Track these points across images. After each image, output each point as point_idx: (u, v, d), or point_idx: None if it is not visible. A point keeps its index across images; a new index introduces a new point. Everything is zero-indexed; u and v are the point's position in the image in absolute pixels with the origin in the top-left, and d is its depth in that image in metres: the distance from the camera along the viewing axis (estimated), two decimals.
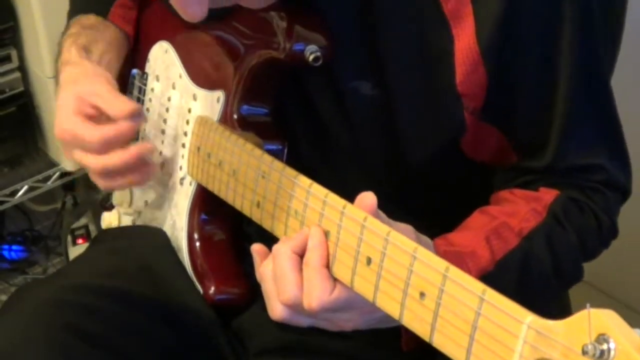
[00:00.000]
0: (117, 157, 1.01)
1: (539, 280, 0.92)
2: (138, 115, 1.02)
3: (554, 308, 1.04)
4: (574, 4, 0.88)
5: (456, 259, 0.87)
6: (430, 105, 0.93)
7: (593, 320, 0.53)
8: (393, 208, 0.90)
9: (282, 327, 0.99)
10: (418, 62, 0.91)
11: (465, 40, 0.88)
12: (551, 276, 0.93)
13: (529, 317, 0.59)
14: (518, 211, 0.93)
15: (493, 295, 0.62)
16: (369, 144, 0.98)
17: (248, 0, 0.94)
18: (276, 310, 0.84)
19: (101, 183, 1.07)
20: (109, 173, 1.04)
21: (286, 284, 0.81)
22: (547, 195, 0.94)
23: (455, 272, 0.66)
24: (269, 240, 0.89)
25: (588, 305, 0.53)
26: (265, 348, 1.02)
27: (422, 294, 0.69)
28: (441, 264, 0.67)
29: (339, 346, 0.99)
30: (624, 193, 0.99)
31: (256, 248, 0.87)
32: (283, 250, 0.82)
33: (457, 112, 0.92)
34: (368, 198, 0.80)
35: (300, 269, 0.82)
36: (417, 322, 0.70)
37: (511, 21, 0.87)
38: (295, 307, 0.82)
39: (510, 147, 0.96)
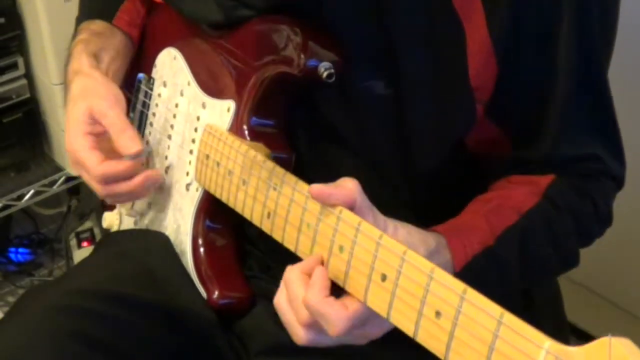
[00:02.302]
0: (121, 188, 1.05)
1: (539, 254, 0.93)
2: (141, 154, 1.04)
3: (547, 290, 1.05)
4: (572, 3, 0.88)
5: (455, 235, 0.87)
6: (444, 101, 0.93)
7: (613, 349, 0.53)
8: (404, 210, 0.90)
9: (282, 328, 1.00)
10: (431, 58, 0.91)
11: (477, 33, 0.88)
12: (550, 251, 0.93)
13: (547, 342, 0.59)
14: (514, 194, 0.94)
15: (511, 319, 0.62)
16: (381, 145, 0.98)
17: None
18: (299, 335, 0.83)
19: (107, 201, 1.12)
20: (115, 198, 1.09)
21: (301, 306, 0.81)
22: (544, 179, 0.95)
23: (472, 294, 0.66)
24: (272, 242, 0.90)
25: (610, 334, 0.53)
26: (266, 349, 1.02)
27: (437, 313, 0.69)
28: (458, 285, 0.67)
29: (339, 347, 0.98)
30: (619, 183, 0.99)
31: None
32: (293, 274, 0.82)
33: (471, 105, 0.92)
34: (351, 182, 0.80)
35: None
36: (432, 340, 0.70)
37: (516, 13, 0.88)
38: (316, 326, 0.81)
39: (507, 138, 0.96)
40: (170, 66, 1.12)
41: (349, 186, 0.81)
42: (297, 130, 1.01)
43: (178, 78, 1.11)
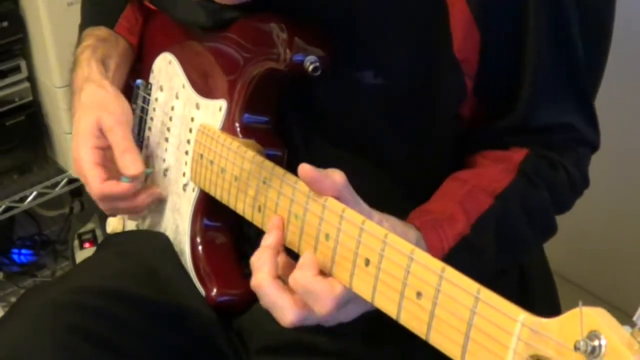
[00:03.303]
0: (121, 205, 1.09)
1: (516, 234, 0.93)
2: (139, 178, 1.06)
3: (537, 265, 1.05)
4: None
5: (432, 229, 0.87)
6: (433, 80, 0.92)
7: (585, 318, 0.54)
8: (403, 201, 0.90)
9: (281, 326, 1.00)
10: (415, 39, 0.91)
11: (457, 7, 0.88)
12: (527, 230, 0.93)
13: (522, 315, 0.60)
14: (489, 173, 0.94)
15: (488, 295, 0.62)
16: (376, 136, 0.98)
17: None
18: (289, 318, 0.83)
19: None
20: (116, 212, 1.14)
21: (283, 309, 0.82)
22: (517, 154, 0.95)
23: (451, 272, 0.66)
24: None
25: (580, 303, 0.53)
26: (266, 346, 1.02)
27: (418, 294, 0.69)
28: (437, 264, 0.67)
29: (338, 345, 0.99)
30: (593, 147, 1.00)
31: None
32: (264, 282, 0.83)
33: (460, 79, 0.92)
34: (338, 174, 0.81)
35: (287, 289, 0.82)
36: (414, 321, 0.70)
37: None
38: (302, 322, 0.82)
39: (482, 108, 0.96)
40: (167, 71, 1.13)
41: (336, 178, 0.82)
42: (291, 128, 1.01)
43: (173, 82, 1.12)
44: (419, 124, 0.96)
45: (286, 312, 0.82)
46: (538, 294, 1.07)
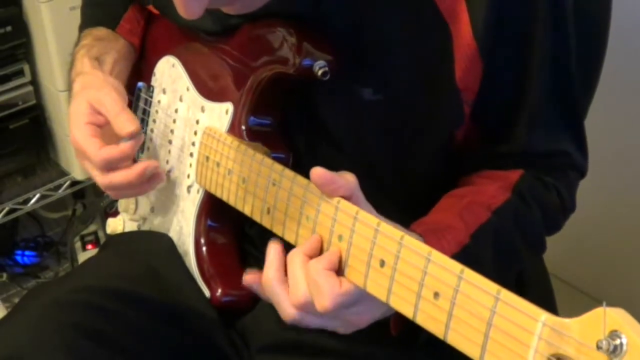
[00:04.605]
0: (121, 176, 1.03)
1: (511, 249, 0.93)
2: (139, 135, 1.03)
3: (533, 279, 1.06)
4: (546, 3, 0.89)
5: (433, 236, 0.87)
6: (432, 103, 0.93)
7: (607, 318, 0.54)
8: (399, 212, 0.90)
9: (283, 325, 1.00)
10: (418, 63, 0.91)
11: (463, 36, 0.89)
12: (521, 246, 0.94)
13: (544, 315, 0.60)
14: (485, 190, 0.94)
15: (508, 296, 0.63)
16: (374, 149, 0.98)
17: (242, 2, 0.94)
18: (287, 312, 0.84)
19: (109, 193, 1.10)
20: (116, 189, 1.06)
21: (297, 285, 0.81)
22: (513, 174, 0.95)
23: (470, 273, 0.66)
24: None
25: (604, 303, 0.54)
26: (267, 346, 1.02)
27: (436, 294, 0.69)
28: (456, 266, 0.67)
29: (339, 344, 0.99)
30: (582, 173, 1.02)
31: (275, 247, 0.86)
32: (296, 253, 0.83)
33: (458, 106, 0.92)
34: (350, 175, 0.81)
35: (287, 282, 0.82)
36: (431, 321, 0.70)
37: (497, 13, 0.88)
38: (306, 307, 0.82)
39: (478, 132, 0.96)
40: (169, 74, 1.13)
41: (349, 178, 0.82)
42: (295, 134, 1.01)
43: (177, 84, 1.11)
44: (413, 142, 0.97)
45: (286, 306, 0.83)
46: (534, 295, 1.06)
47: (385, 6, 0.90)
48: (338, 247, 0.80)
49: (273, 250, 0.86)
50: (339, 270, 0.81)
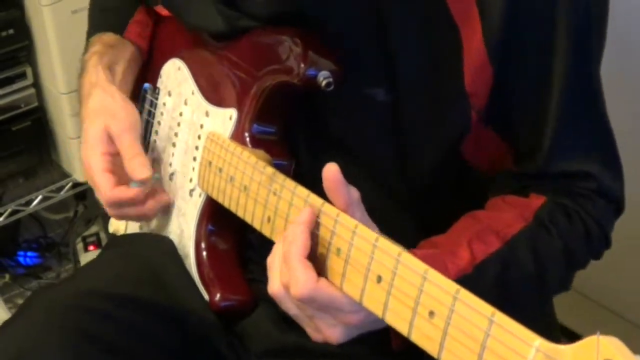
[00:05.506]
0: (130, 212, 1.08)
1: (520, 284, 0.91)
2: (148, 182, 1.06)
3: (539, 322, 1.05)
4: (568, 13, 0.88)
5: (435, 260, 0.86)
6: (440, 106, 0.92)
7: (601, 347, 0.54)
8: (404, 218, 0.90)
9: (282, 330, 1.00)
10: (428, 65, 0.91)
11: (473, 42, 0.88)
12: (534, 281, 0.91)
13: (538, 341, 0.60)
14: (504, 216, 0.93)
15: (502, 319, 0.62)
16: (380, 153, 0.98)
17: None
18: (271, 284, 0.85)
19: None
20: (124, 218, 1.13)
21: (272, 274, 0.83)
22: (536, 201, 0.93)
23: (465, 294, 0.66)
24: (272, 248, 0.89)
25: (598, 332, 0.53)
26: (267, 350, 1.02)
27: (431, 313, 0.69)
28: (452, 286, 0.67)
29: (340, 349, 0.98)
30: (618, 204, 0.97)
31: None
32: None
33: (465, 111, 0.92)
34: (355, 191, 0.81)
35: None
36: (425, 339, 0.70)
37: (513, 24, 0.87)
38: (279, 298, 0.83)
39: (509, 152, 0.95)
40: (175, 76, 1.13)
41: (352, 192, 0.81)
42: (298, 139, 1.01)
43: (182, 88, 1.11)
44: (417, 146, 0.96)
45: (273, 282, 0.83)
46: None
47: (399, 7, 0.90)
48: (322, 263, 0.81)
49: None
50: (337, 284, 0.80)
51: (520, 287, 0.91)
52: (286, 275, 0.81)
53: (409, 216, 0.99)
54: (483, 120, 0.93)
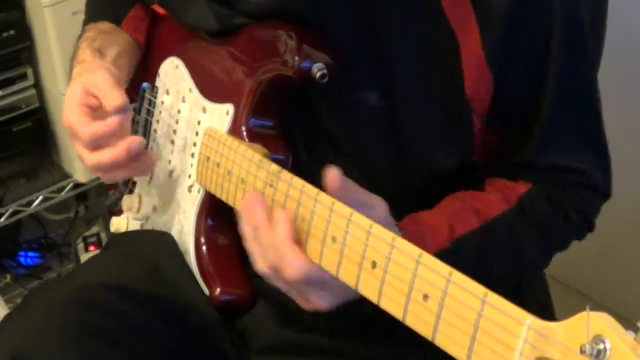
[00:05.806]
0: (107, 155, 1.01)
1: (498, 262, 0.93)
2: (125, 109, 1.01)
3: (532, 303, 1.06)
4: (564, 16, 0.89)
5: (417, 236, 0.87)
6: (440, 112, 0.93)
7: (591, 322, 0.54)
8: (398, 214, 0.90)
9: (283, 325, 1.00)
10: (426, 71, 0.92)
11: (471, 46, 0.89)
12: (511, 260, 0.93)
13: (529, 319, 0.60)
14: (487, 198, 0.94)
15: (494, 298, 0.63)
16: (375, 154, 0.98)
17: None
18: (258, 264, 0.86)
19: (100, 175, 1.07)
20: (104, 169, 1.03)
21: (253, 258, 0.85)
22: (522, 187, 0.95)
23: (458, 276, 0.66)
24: None
25: (587, 307, 0.54)
26: (267, 346, 1.02)
27: (425, 296, 0.69)
28: (445, 269, 0.67)
29: (339, 345, 0.99)
30: (605, 193, 0.99)
31: None
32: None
33: (468, 116, 0.92)
34: (334, 171, 0.82)
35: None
36: (420, 323, 0.70)
37: (511, 31, 0.88)
38: (268, 275, 0.85)
39: (502, 147, 0.96)
40: (173, 75, 1.13)
41: (334, 174, 0.82)
42: (296, 136, 1.01)
43: (180, 85, 1.12)
44: (419, 151, 0.97)
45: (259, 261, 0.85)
46: (530, 295, 1.07)
47: (396, 13, 0.91)
48: (318, 252, 0.82)
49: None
50: (333, 273, 0.81)
51: (499, 264, 0.93)
52: (271, 259, 0.82)
53: (402, 213, 0.99)
54: (485, 124, 0.94)
